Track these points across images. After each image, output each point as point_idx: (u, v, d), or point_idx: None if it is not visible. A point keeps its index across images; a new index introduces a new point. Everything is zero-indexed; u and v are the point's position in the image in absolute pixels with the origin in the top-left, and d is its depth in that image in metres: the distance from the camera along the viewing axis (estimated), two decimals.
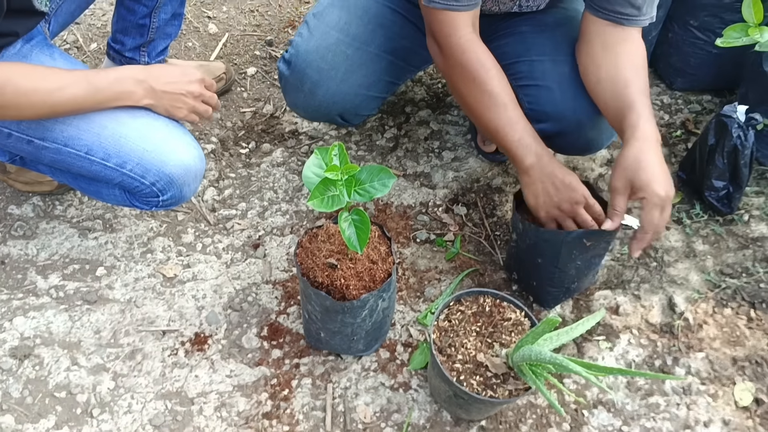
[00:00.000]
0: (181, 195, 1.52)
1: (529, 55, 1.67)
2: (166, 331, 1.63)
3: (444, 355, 1.41)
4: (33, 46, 1.47)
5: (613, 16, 1.49)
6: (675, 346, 1.66)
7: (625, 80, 1.46)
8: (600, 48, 1.52)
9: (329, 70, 1.63)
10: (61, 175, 1.60)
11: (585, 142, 1.66)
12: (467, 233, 1.86)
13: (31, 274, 1.71)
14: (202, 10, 2.45)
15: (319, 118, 1.77)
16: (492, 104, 1.49)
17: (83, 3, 1.71)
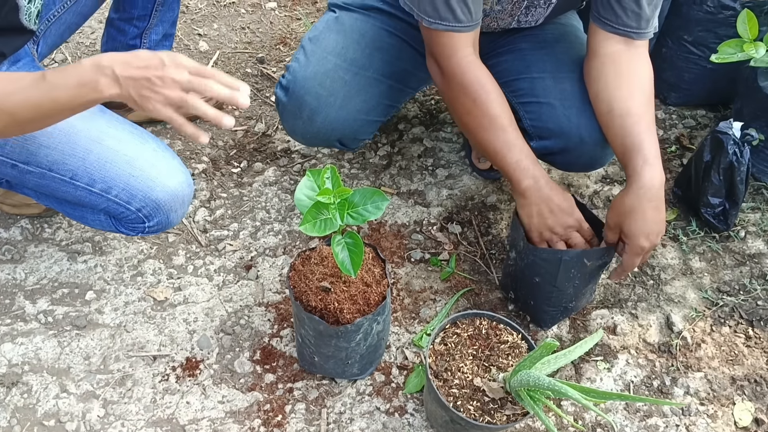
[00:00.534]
0: (168, 221, 1.49)
1: (529, 72, 1.66)
2: (157, 356, 1.61)
3: (440, 379, 1.39)
4: (20, 68, 1.45)
5: (622, 30, 1.48)
6: (673, 366, 1.64)
7: (636, 115, 1.45)
8: (613, 74, 1.49)
9: (327, 96, 1.61)
10: (47, 200, 1.57)
11: (588, 159, 1.65)
12: (462, 252, 1.84)
13: (19, 299, 1.68)
14: (192, 28, 2.43)
15: (317, 144, 1.75)
16: (491, 126, 1.48)
17: (73, 25, 1.69)
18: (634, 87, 1.48)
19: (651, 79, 1.51)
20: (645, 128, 1.44)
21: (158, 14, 1.82)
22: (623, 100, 1.47)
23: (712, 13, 2.03)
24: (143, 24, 1.83)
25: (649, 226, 1.42)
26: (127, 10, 1.79)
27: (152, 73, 1.13)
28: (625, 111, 1.46)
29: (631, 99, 1.47)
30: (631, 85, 1.48)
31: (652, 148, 1.42)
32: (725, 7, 2.00)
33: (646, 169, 1.40)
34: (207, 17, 2.49)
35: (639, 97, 1.47)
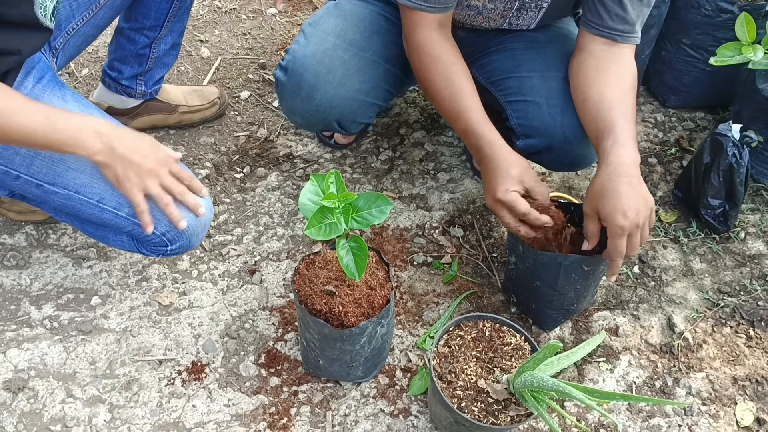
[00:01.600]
0: (189, 244, 1.51)
1: (518, 71, 1.68)
2: (163, 360, 1.62)
3: (444, 381, 1.40)
4: (44, 87, 1.45)
5: (606, 32, 1.51)
6: (675, 367, 1.65)
7: (610, 101, 1.46)
8: (593, 68, 1.53)
9: (326, 73, 1.63)
10: (67, 218, 1.58)
11: (572, 157, 1.67)
12: (464, 255, 1.85)
13: (25, 305, 1.69)
14: (194, 34, 2.45)
15: (315, 125, 1.75)
16: (449, 90, 1.54)
17: (90, 37, 1.70)
18: (612, 78, 1.50)
19: (632, 74, 1.52)
20: (619, 114, 1.44)
21: (169, 25, 1.84)
22: (599, 88, 1.49)
23: (710, 17, 2.05)
24: (154, 34, 1.84)
25: (623, 202, 1.36)
26: (139, 20, 1.81)
27: (144, 162, 1.31)
28: (599, 98, 1.48)
29: (607, 88, 1.48)
30: (609, 76, 1.50)
31: (624, 130, 1.42)
32: (723, 10, 2.02)
33: (616, 148, 1.40)
34: (208, 23, 2.51)
35: (616, 87, 1.49)
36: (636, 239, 1.40)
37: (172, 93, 2.08)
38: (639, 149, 2.15)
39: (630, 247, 1.40)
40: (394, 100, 2.23)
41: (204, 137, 2.12)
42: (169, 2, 1.79)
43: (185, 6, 1.84)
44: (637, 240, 1.40)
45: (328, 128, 1.76)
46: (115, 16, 1.74)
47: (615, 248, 1.40)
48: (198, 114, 2.11)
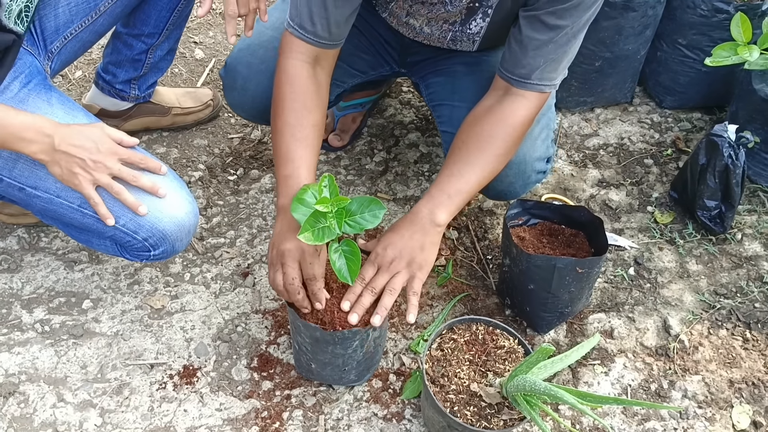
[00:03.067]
0: (173, 249, 1.49)
1: (452, 99, 1.67)
2: (154, 364, 1.60)
3: (437, 385, 1.39)
4: (30, 90, 1.44)
5: (504, 73, 1.46)
6: (671, 369, 1.63)
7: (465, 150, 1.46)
8: (482, 108, 1.49)
9: (259, 64, 1.62)
10: (52, 222, 1.58)
11: (495, 193, 1.67)
12: (459, 257, 1.84)
13: (16, 309, 1.68)
14: (188, 36, 2.44)
15: (258, 117, 1.72)
16: (284, 131, 1.43)
17: (87, 43, 1.69)
18: (486, 126, 1.46)
19: (513, 124, 1.46)
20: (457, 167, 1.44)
21: (168, 32, 1.83)
22: (469, 132, 1.48)
23: (706, 17, 2.04)
24: (152, 41, 1.83)
25: (391, 238, 1.43)
26: (138, 27, 1.79)
27: (87, 155, 1.31)
28: (461, 142, 1.47)
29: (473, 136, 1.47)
30: (485, 123, 1.46)
31: (451, 185, 1.43)
32: (719, 10, 2.01)
33: (425, 200, 1.44)
34: (202, 25, 2.50)
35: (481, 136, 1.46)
36: (380, 279, 1.40)
37: (166, 95, 2.07)
38: (635, 150, 2.14)
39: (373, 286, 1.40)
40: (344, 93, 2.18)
41: (197, 139, 2.11)
42: (169, 11, 1.78)
43: (185, 14, 1.83)
44: (379, 280, 1.40)
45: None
46: (115, 24, 1.73)
47: (362, 271, 1.41)
48: (191, 116, 2.10)
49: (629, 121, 2.24)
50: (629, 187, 2.03)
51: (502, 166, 1.50)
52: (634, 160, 2.12)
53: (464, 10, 1.48)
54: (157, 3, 1.76)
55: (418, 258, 1.42)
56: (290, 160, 1.40)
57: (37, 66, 1.51)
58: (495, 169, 1.48)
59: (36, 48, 1.55)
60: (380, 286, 1.41)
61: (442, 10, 1.49)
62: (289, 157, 1.41)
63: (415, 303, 1.41)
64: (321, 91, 1.48)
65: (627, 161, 2.11)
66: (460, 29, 1.54)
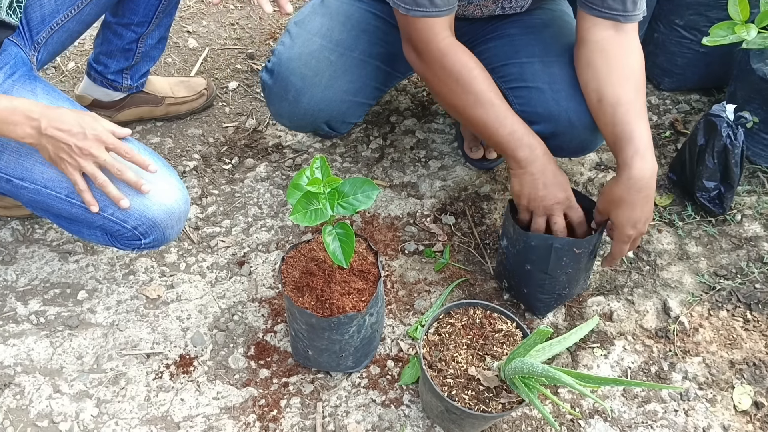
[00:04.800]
0: (164, 237, 1.47)
1: (518, 57, 1.64)
2: (150, 354, 1.59)
3: (434, 370, 1.37)
4: (15, 81, 1.42)
5: (609, 13, 1.46)
6: (671, 351, 1.62)
7: (626, 103, 1.43)
8: (603, 62, 1.47)
9: (313, 76, 1.60)
10: (42, 213, 1.56)
11: (578, 143, 1.63)
12: (456, 243, 1.82)
13: (11, 301, 1.67)
14: (181, 25, 2.42)
15: (305, 128, 1.73)
16: (478, 102, 1.47)
17: (75, 33, 1.67)
18: (624, 75, 1.45)
19: (641, 65, 1.48)
20: (635, 117, 1.42)
21: (157, 21, 1.81)
22: (613, 88, 1.45)
23: None
24: (142, 30, 1.81)
25: (636, 215, 1.43)
26: (127, 15, 1.77)
27: (73, 141, 1.28)
28: (616, 100, 1.44)
29: (621, 87, 1.44)
30: (621, 73, 1.46)
31: (643, 138, 1.40)
32: None
33: (637, 160, 1.39)
34: (196, 14, 2.48)
35: (629, 84, 1.45)
36: (636, 243, 1.50)
37: (159, 85, 2.05)
38: None
39: (630, 248, 1.50)
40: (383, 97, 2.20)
41: (192, 129, 2.09)
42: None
43: (174, 1, 1.81)
44: (636, 243, 1.50)
45: (318, 130, 1.74)
46: (102, 13, 1.71)
47: (619, 252, 1.49)
48: (185, 105, 2.08)
49: None
50: None
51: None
52: None
53: None
54: None
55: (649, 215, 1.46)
56: (505, 119, 1.47)
57: (22, 57, 1.49)
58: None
59: (21, 39, 1.53)
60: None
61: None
62: (501, 117, 1.47)
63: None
64: (466, 50, 1.51)
65: None
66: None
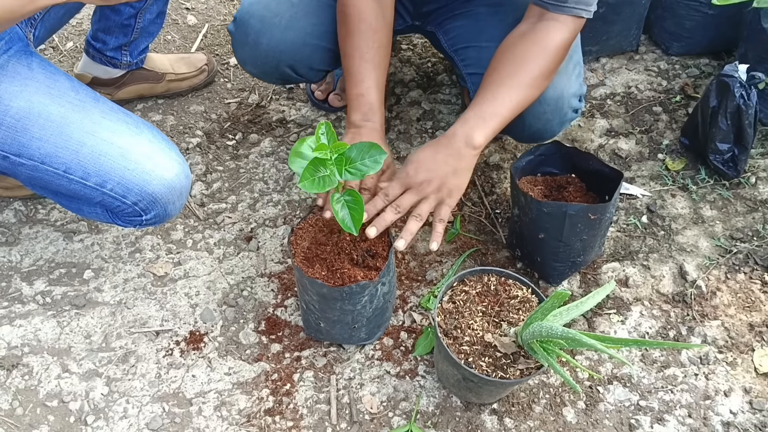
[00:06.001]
0: (166, 213, 1.45)
1: (479, 40, 1.62)
2: (160, 331, 1.57)
3: (450, 337, 1.35)
4: (10, 57, 1.39)
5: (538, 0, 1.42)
6: (689, 316, 1.59)
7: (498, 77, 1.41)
8: (516, 35, 1.44)
9: (272, 17, 1.57)
10: (41, 191, 1.53)
11: (530, 133, 1.60)
12: (466, 213, 1.79)
13: (16, 282, 1.64)
14: (180, 2, 2.38)
15: (270, 74, 1.68)
16: (353, 53, 1.48)
17: (72, 9, 1.63)
18: (520, 51, 1.41)
19: (548, 49, 1.40)
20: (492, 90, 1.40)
21: None
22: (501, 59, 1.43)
23: None
24: (140, 4, 1.78)
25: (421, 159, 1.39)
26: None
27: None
28: (493, 69, 1.43)
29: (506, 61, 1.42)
30: (518, 49, 1.42)
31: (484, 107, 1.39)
32: None
33: (459, 123, 1.40)
34: None
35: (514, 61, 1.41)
36: (406, 199, 1.37)
37: (159, 61, 2.02)
38: (643, 98, 2.08)
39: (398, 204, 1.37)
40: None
41: (194, 105, 2.06)
42: None
43: None
44: (406, 200, 1.37)
45: (285, 77, 1.69)
46: None
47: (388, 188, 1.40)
48: (186, 82, 2.05)
49: (636, 69, 2.18)
50: (638, 136, 1.98)
51: (538, 92, 1.44)
52: (643, 108, 2.06)
53: None
54: None
55: (449, 183, 1.38)
56: (361, 80, 1.46)
57: (18, 33, 1.45)
58: (531, 94, 1.42)
59: None
60: (406, 206, 1.37)
61: None
62: (360, 77, 1.47)
63: (440, 231, 1.38)
64: (386, 11, 1.51)
65: (635, 110, 2.05)
66: None
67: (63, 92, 1.39)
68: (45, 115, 1.35)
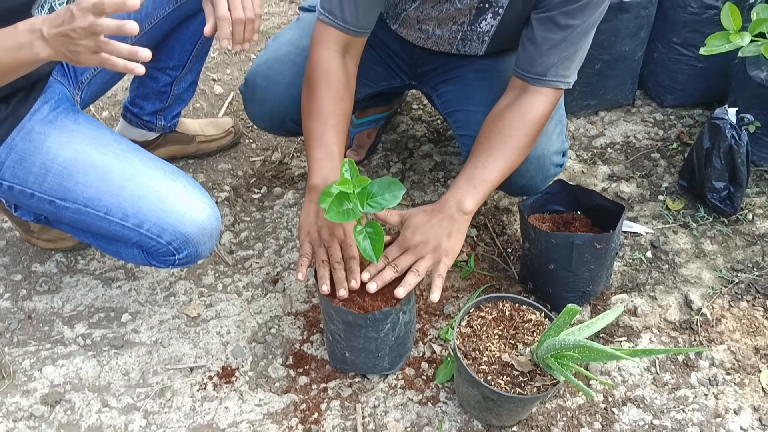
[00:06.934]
0: (197, 253, 1.55)
1: (467, 104, 1.76)
2: (194, 367, 1.66)
3: (469, 359, 1.43)
4: (59, 113, 1.53)
5: (520, 73, 1.56)
6: (696, 341, 1.67)
7: (487, 144, 1.54)
8: (501, 107, 1.58)
9: (276, 75, 1.73)
10: (82, 234, 1.65)
11: (517, 189, 1.74)
12: (480, 252, 1.90)
13: (58, 326, 1.75)
14: (207, 74, 2.57)
15: (278, 127, 1.82)
16: (314, 117, 1.54)
17: (116, 75, 1.79)
18: (506, 122, 1.54)
19: (532, 119, 1.53)
20: (480, 158, 1.52)
21: (191, 65, 1.94)
22: (490, 128, 1.56)
23: (697, 14, 2.14)
24: (176, 73, 1.94)
25: (421, 224, 1.49)
26: (163, 60, 1.90)
27: (68, 27, 1.17)
28: (483, 137, 1.55)
29: (495, 131, 1.54)
30: (505, 119, 1.54)
31: (474, 175, 1.51)
32: (709, 6, 2.11)
33: (451, 190, 1.52)
34: (220, 64, 2.63)
35: (502, 131, 1.53)
36: (404, 259, 1.47)
37: (189, 125, 2.18)
38: (641, 146, 2.22)
39: (396, 264, 1.47)
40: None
41: (221, 164, 2.21)
42: (192, 44, 1.89)
43: (206, 47, 1.95)
44: (404, 260, 1.47)
45: (291, 130, 1.82)
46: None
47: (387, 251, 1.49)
48: (214, 143, 2.20)
49: (633, 120, 2.33)
50: (639, 180, 2.10)
51: (523, 159, 1.57)
52: (642, 155, 2.19)
53: (474, 9, 1.58)
54: (181, 37, 1.88)
55: (444, 244, 1.48)
56: (323, 145, 1.52)
57: (66, 94, 1.61)
58: (516, 161, 1.55)
59: (66, 78, 1.66)
60: (404, 266, 1.47)
61: (452, 9, 1.59)
62: (323, 141, 1.52)
63: (439, 284, 1.46)
64: (350, 80, 1.59)
65: (635, 156, 2.19)
66: (470, 28, 1.64)
67: (106, 143, 1.53)
68: (89, 163, 1.48)
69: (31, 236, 1.89)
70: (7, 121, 1.46)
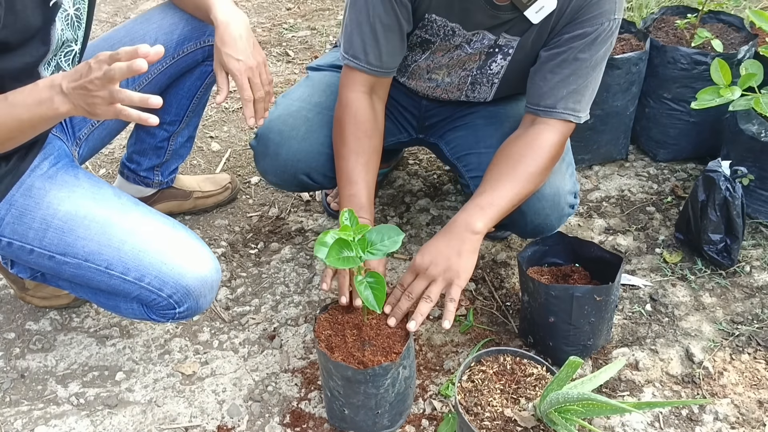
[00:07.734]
0: (198, 306, 1.54)
1: (478, 147, 1.79)
2: (189, 427, 1.62)
3: (471, 414, 1.40)
4: (59, 168, 1.54)
5: (530, 108, 1.61)
6: (699, 395, 1.65)
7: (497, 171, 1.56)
8: (513, 138, 1.62)
9: (290, 131, 1.75)
10: (81, 290, 1.64)
11: (532, 228, 1.74)
12: (479, 306, 1.89)
13: (51, 384, 1.71)
14: (204, 132, 2.59)
15: (288, 181, 1.83)
16: (349, 156, 1.61)
17: (114, 131, 1.81)
18: (516, 149, 1.58)
19: (541, 147, 1.57)
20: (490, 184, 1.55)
21: (187, 120, 1.97)
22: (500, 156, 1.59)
23: (687, 70, 2.18)
24: (173, 128, 1.97)
25: (430, 248, 1.51)
26: (160, 115, 1.89)
27: (85, 80, 1.20)
28: (493, 164, 1.59)
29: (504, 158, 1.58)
30: (514, 147, 1.58)
31: (483, 198, 1.53)
32: (698, 63, 2.16)
33: (461, 213, 1.54)
34: (217, 122, 2.66)
35: (510, 158, 1.57)
36: (417, 285, 1.49)
37: (187, 181, 2.19)
38: (636, 200, 2.23)
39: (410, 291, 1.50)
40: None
41: (218, 219, 2.20)
42: (189, 99, 1.92)
43: (203, 102, 1.98)
44: (417, 286, 1.49)
45: (302, 184, 1.83)
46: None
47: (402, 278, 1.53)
48: (211, 199, 2.20)
49: (627, 175, 2.35)
50: (635, 233, 2.11)
51: (533, 187, 1.58)
52: (637, 208, 2.21)
53: (483, 54, 1.63)
54: (178, 92, 1.90)
55: (454, 265, 1.48)
56: (354, 182, 1.60)
57: (65, 150, 1.62)
58: (526, 187, 1.56)
59: (65, 134, 1.67)
60: (417, 292, 1.48)
61: (463, 54, 1.63)
62: (353, 179, 1.60)
63: (452, 309, 1.47)
64: (378, 118, 1.66)
65: (630, 210, 2.20)
66: (479, 72, 1.68)
67: (106, 197, 1.53)
68: (90, 217, 1.48)
69: (25, 294, 1.87)
70: (7, 177, 1.46)
